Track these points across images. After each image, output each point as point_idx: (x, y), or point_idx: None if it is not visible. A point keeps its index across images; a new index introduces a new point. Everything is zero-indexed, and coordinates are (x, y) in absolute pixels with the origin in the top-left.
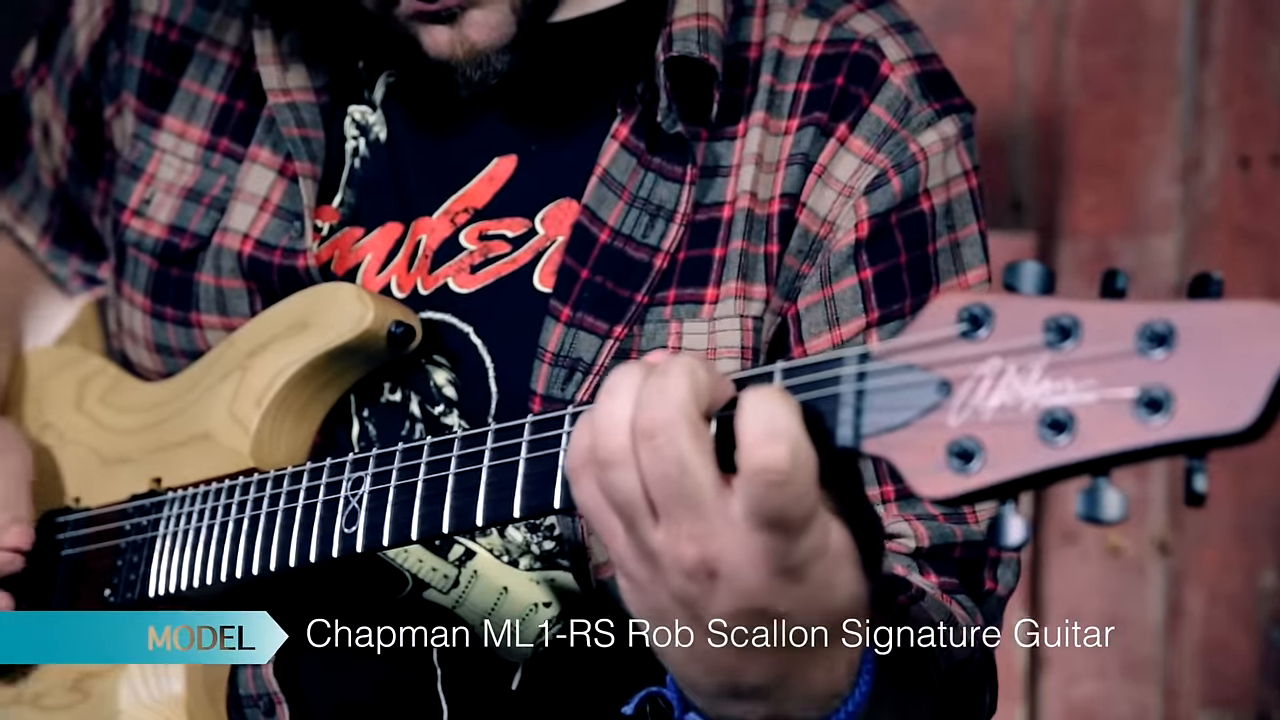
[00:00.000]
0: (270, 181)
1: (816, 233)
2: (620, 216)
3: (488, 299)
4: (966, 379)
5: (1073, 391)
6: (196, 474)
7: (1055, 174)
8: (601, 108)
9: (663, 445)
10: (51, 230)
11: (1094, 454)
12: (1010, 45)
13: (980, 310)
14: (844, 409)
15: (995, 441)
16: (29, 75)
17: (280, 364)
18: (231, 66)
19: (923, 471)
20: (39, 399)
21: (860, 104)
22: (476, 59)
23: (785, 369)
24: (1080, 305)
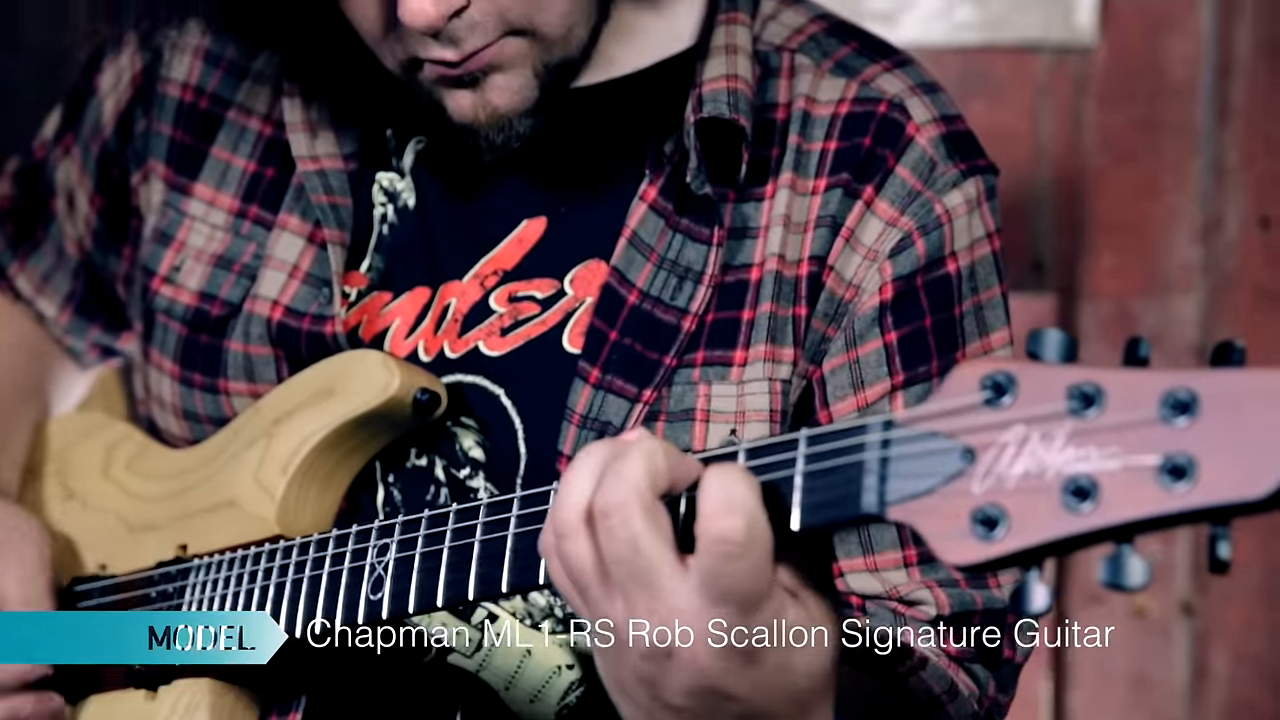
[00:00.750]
0: (300, 249)
1: (842, 296)
2: (649, 278)
3: (518, 361)
4: (990, 446)
5: (1096, 459)
6: (222, 541)
7: (1076, 235)
8: (629, 169)
9: (616, 526)
10: (74, 301)
11: (1118, 521)
12: (1031, 108)
13: (1004, 378)
14: (868, 476)
15: (1019, 508)
16: (53, 145)
17: (306, 431)
18: (261, 134)
19: (947, 538)
20: (64, 466)
21: (886, 165)
22: (499, 123)
23: (810, 436)
24: (1103, 373)
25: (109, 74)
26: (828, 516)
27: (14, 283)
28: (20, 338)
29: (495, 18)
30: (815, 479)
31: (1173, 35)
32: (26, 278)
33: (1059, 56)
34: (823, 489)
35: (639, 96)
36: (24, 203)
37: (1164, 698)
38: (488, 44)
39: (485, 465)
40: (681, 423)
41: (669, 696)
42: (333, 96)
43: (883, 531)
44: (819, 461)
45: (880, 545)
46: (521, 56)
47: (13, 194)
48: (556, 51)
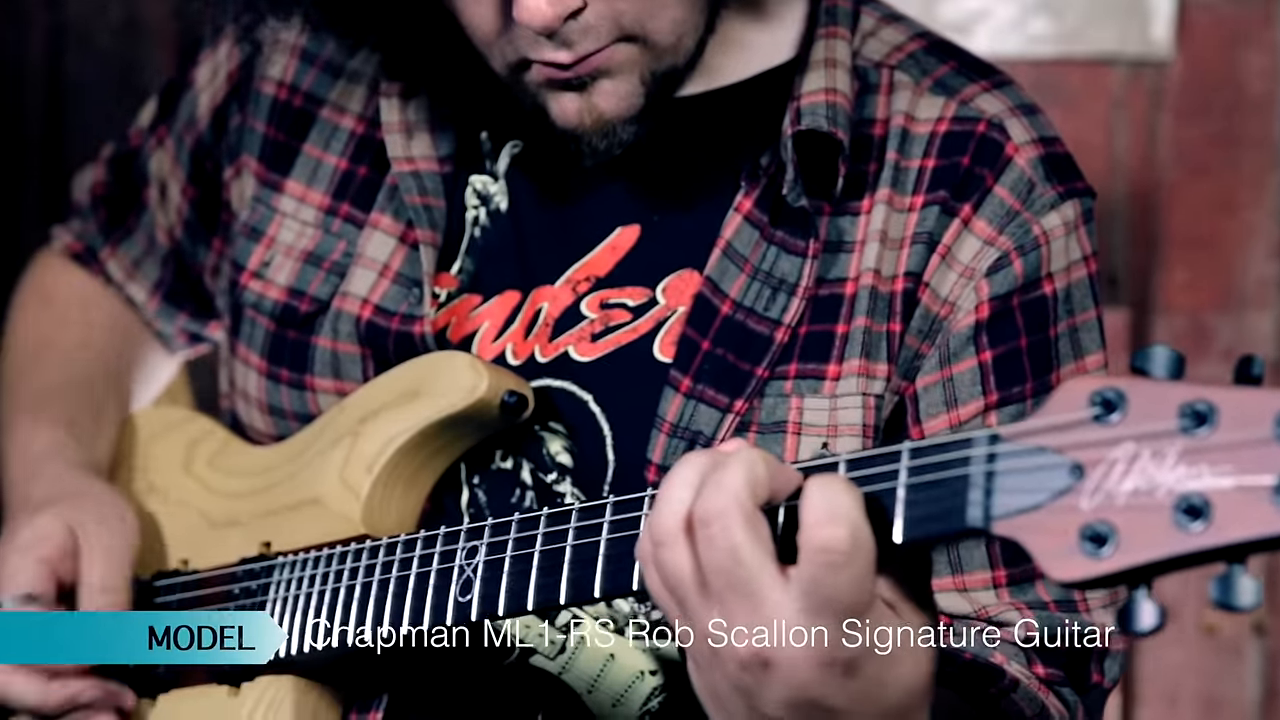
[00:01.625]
0: (391, 248)
1: (937, 313)
2: (742, 289)
3: (608, 367)
4: (1100, 463)
5: (1209, 477)
6: (306, 539)
7: (1150, 249)
8: (725, 180)
9: (716, 535)
10: (163, 288)
11: (1230, 541)
12: (1106, 121)
13: (1114, 394)
14: (973, 490)
15: (1129, 526)
16: (147, 135)
17: (392, 431)
18: (354, 133)
19: (1054, 555)
20: (145, 460)
21: (985, 185)
22: (604, 129)
23: (913, 449)
24: (1216, 391)
25: (205, 68)
26: (932, 530)
27: (105, 267)
28: (112, 319)
29: (610, 22)
30: (919, 491)
31: (1250, 49)
32: (117, 263)
33: (1135, 69)
34: (926, 502)
35: (737, 108)
36: (118, 190)
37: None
38: (600, 48)
39: (572, 471)
40: (773, 435)
41: (766, 707)
42: (431, 98)
43: (972, 551)
44: (922, 474)
45: (970, 565)
46: (631, 63)
47: (107, 180)
48: (665, 60)
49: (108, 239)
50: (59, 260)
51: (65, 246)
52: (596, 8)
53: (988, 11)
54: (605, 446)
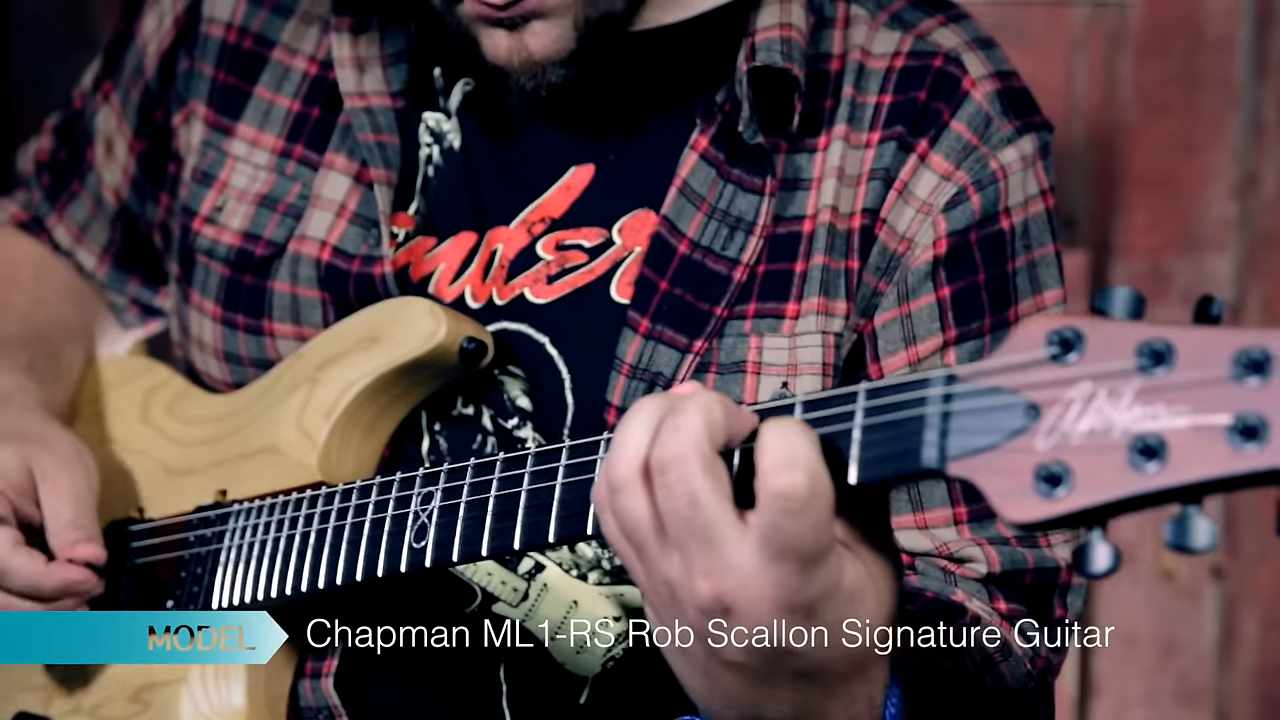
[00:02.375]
0: (347, 188)
1: (895, 249)
2: (699, 228)
3: (564, 309)
4: (1056, 403)
5: (1165, 417)
6: (262, 487)
7: (1109, 191)
8: (679, 118)
9: (674, 482)
10: (112, 250)
11: (1186, 481)
12: (1065, 61)
13: (1071, 334)
14: (929, 430)
15: (1084, 466)
16: (91, 93)
17: (350, 377)
18: (307, 74)
19: (1008, 495)
20: (103, 409)
21: (941, 120)
22: (532, 69)
23: (869, 389)
24: (1174, 330)
25: (151, 17)
26: (887, 471)
27: (53, 234)
28: (65, 284)
29: None
30: (874, 432)
31: None
32: (65, 228)
33: (1095, 9)
34: (882, 443)
35: (690, 44)
36: (62, 154)
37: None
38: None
39: (532, 415)
40: (732, 375)
41: (727, 654)
42: (382, 33)
43: (933, 489)
44: (878, 415)
45: (930, 502)
46: (564, 6)
47: (51, 146)
48: (601, 5)
49: (54, 204)
50: (6, 230)
51: (10, 217)
52: None
53: None
54: (564, 389)
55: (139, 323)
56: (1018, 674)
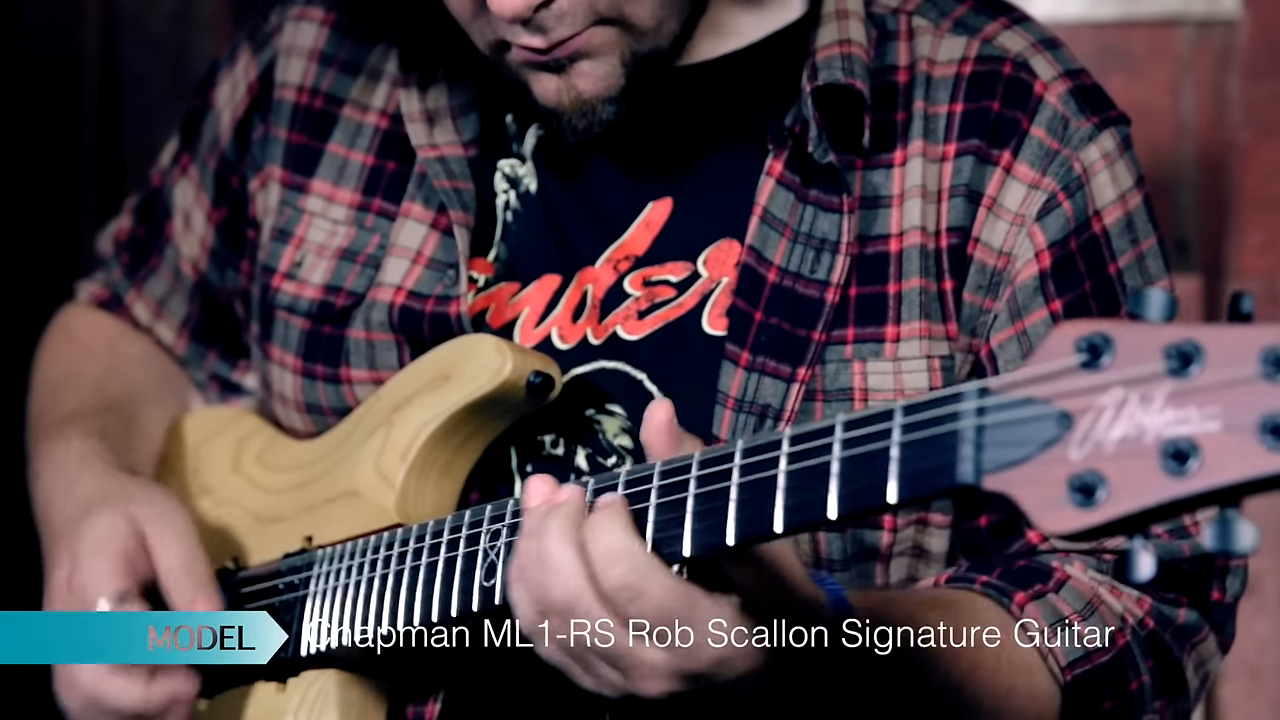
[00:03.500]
0: (423, 235)
1: (995, 265)
2: (785, 254)
3: (659, 344)
4: (1088, 410)
5: (1196, 420)
6: (345, 531)
7: (1221, 213)
8: (751, 145)
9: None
10: (190, 324)
11: (1220, 484)
12: (1172, 82)
13: (1100, 339)
14: (964, 445)
15: (1118, 474)
16: (169, 169)
17: (424, 418)
18: (379, 129)
19: (1045, 507)
20: (197, 463)
21: (1020, 127)
22: (583, 109)
23: (906, 406)
24: (1202, 330)
25: (224, 87)
26: (924, 488)
27: (132, 310)
28: (141, 353)
29: (584, 7)
30: (912, 449)
31: None
32: (144, 304)
33: (1201, 30)
34: (919, 459)
35: (753, 70)
36: (141, 231)
37: None
38: (576, 33)
39: (634, 452)
40: (840, 402)
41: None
42: (450, 85)
43: None
44: (915, 431)
45: None
46: (610, 45)
47: (130, 225)
48: (646, 41)
49: (132, 280)
50: (85, 308)
51: (90, 295)
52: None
53: None
54: None
55: (220, 400)
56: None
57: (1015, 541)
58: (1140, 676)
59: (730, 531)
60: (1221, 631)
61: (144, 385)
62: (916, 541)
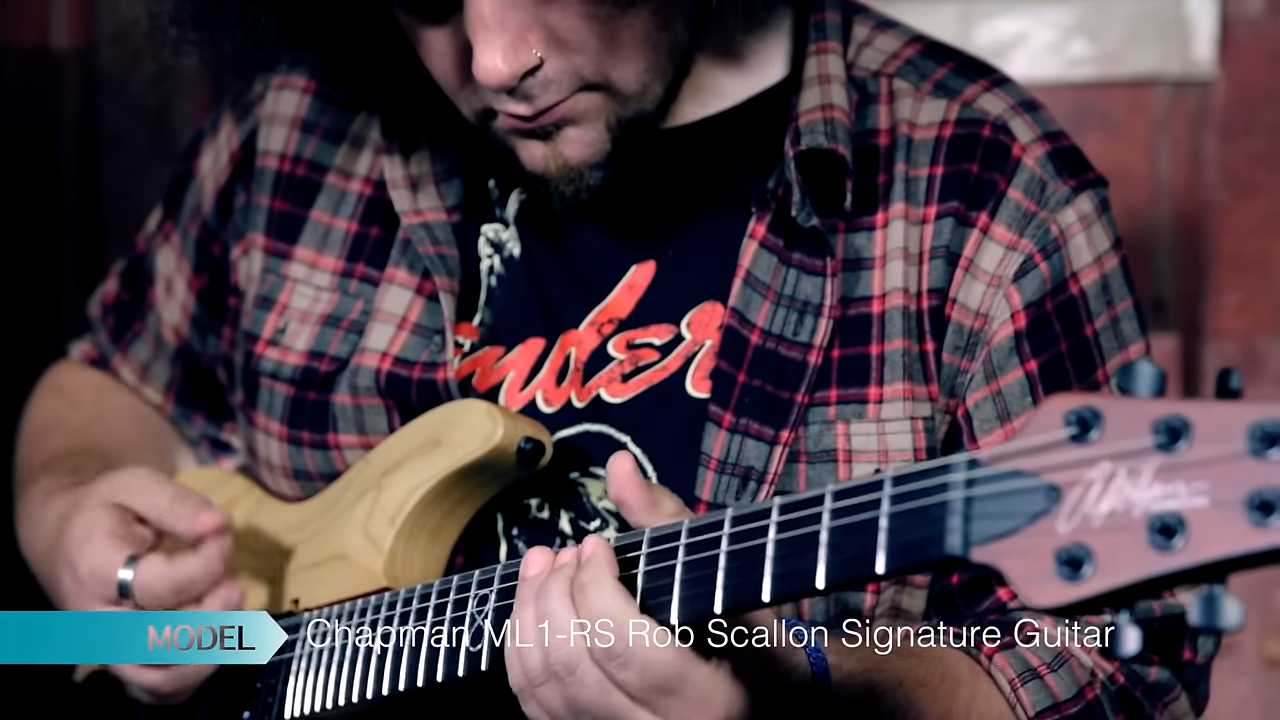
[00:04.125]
0: (408, 300)
1: (971, 326)
2: (769, 316)
3: (642, 407)
4: (1076, 484)
5: (1184, 496)
6: (332, 594)
7: (1198, 273)
8: (734, 208)
9: (578, 680)
10: (174, 388)
11: (1206, 559)
12: (1149, 143)
13: (1089, 413)
14: (952, 517)
15: (1106, 548)
16: (153, 235)
17: (414, 482)
18: (362, 195)
19: (1031, 580)
20: None
21: (997, 189)
22: (570, 175)
23: (895, 477)
24: (1190, 406)
25: (208, 156)
26: (914, 559)
27: (119, 374)
28: (129, 407)
29: (570, 75)
30: (900, 519)
31: None
32: (129, 368)
33: (1177, 90)
34: (907, 529)
35: (735, 134)
36: (126, 295)
37: None
38: (561, 100)
39: (619, 516)
40: (824, 464)
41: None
42: (432, 151)
43: None
44: (904, 502)
45: None
46: (595, 110)
47: (116, 289)
48: (632, 106)
49: (117, 345)
50: (76, 366)
51: (82, 354)
52: (555, 63)
53: (1025, 35)
54: None
55: (212, 459)
56: (1067, 685)
57: (986, 599)
58: None
59: (718, 599)
60: (1194, 691)
61: (131, 436)
62: (896, 602)
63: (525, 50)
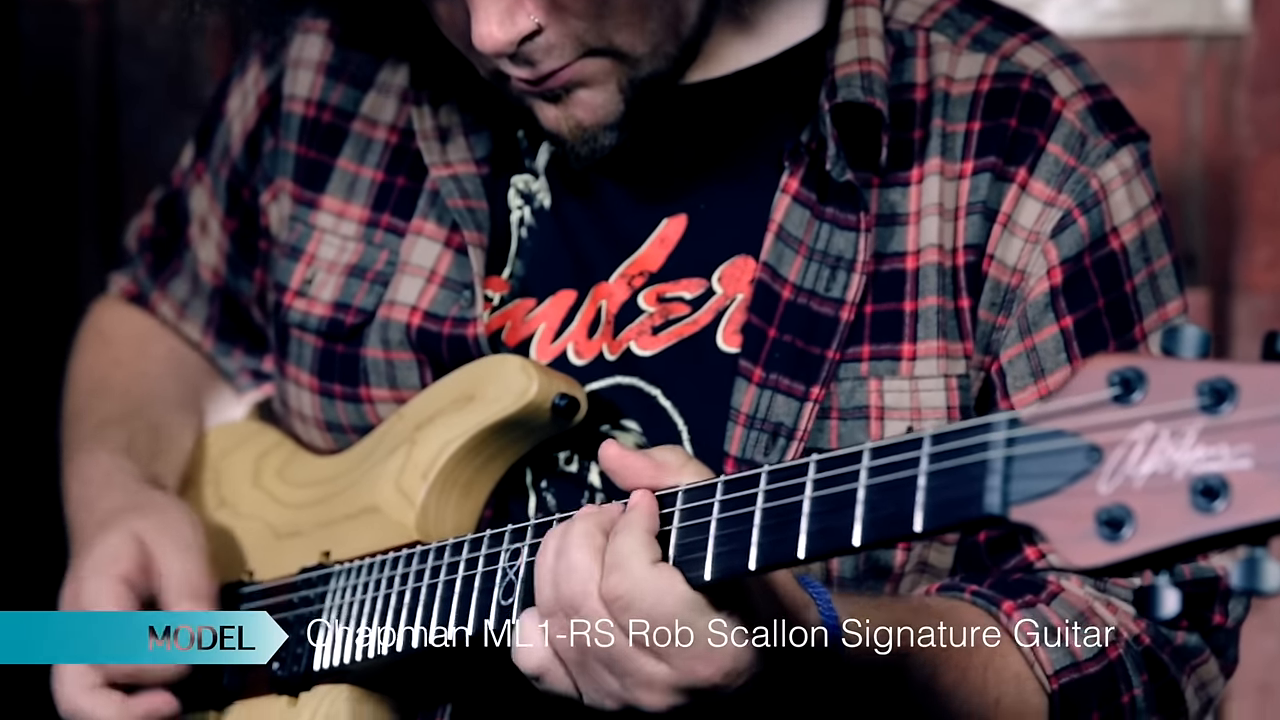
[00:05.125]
0: (436, 254)
1: (1008, 283)
2: (800, 272)
3: (673, 361)
4: (1118, 445)
5: (1228, 458)
6: (363, 547)
7: (1229, 228)
8: (767, 161)
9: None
10: (213, 325)
11: (1249, 522)
12: (1179, 97)
13: (1133, 374)
14: (992, 476)
15: (1147, 509)
16: (187, 173)
17: (447, 437)
18: (389, 144)
19: (1071, 540)
20: (217, 475)
21: (1036, 144)
22: (583, 136)
23: (935, 435)
24: (1236, 368)
25: (235, 97)
26: (950, 518)
27: (157, 309)
28: (170, 353)
29: (571, 40)
30: (939, 478)
31: None
32: (168, 305)
33: (1209, 44)
34: (946, 488)
35: (769, 87)
36: (163, 232)
37: None
38: (565, 64)
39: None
40: (856, 420)
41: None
42: (461, 102)
43: None
44: (943, 461)
45: None
46: (604, 74)
47: (153, 223)
48: (643, 67)
49: (155, 281)
50: (116, 303)
51: (121, 290)
52: (555, 29)
53: None
54: (682, 441)
55: (253, 386)
56: (1088, 645)
57: (1013, 557)
58: (1132, 690)
59: (753, 557)
60: (1224, 656)
61: (171, 390)
62: (924, 558)
63: (522, 16)
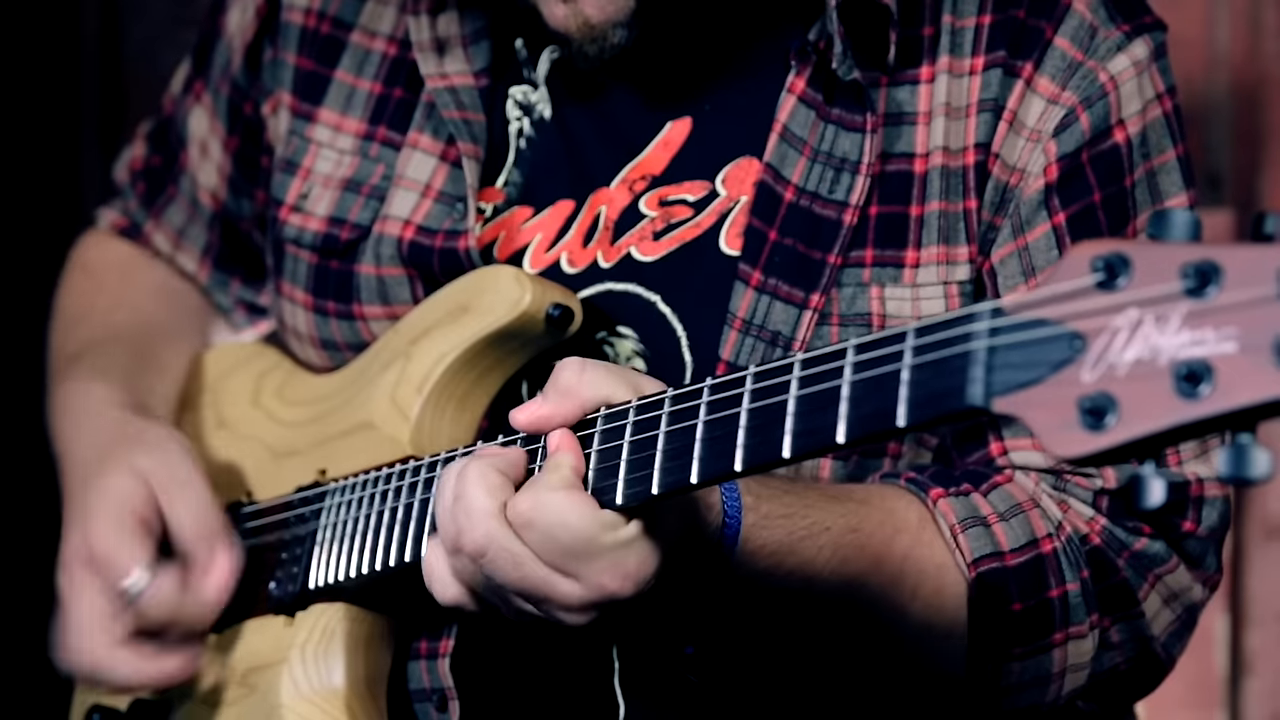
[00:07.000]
0: (432, 167)
1: (1007, 182)
2: (804, 173)
3: (674, 266)
4: (1102, 332)
5: (1212, 342)
6: (359, 464)
7: (1254, 146)
8: (773, 61)
9: (493, 559)
10: (212, 253)
11: (1233, 407)
12: (1205, 12)
13: (1117, 259)
14: (975, 367)
15: (1130, 396)
16: (181, 96)
17: (440, 350)
18: (386, 55)
19: (1054, 430)
20: (217, 396)
21: (1043, 38)
22: (592, 35)
23: (919, 328)
24: (1221, 250)
25: (234, 12)
26: (933, 412)
27: (151, 240)
28: (156, 284)
29: None
30: (922, 371)
31: None
32: (163, 234)
33: None
34: (928, 382)
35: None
36: (156, 160)
37: None
38: None
39: (648, 375)
40: (857, 328)
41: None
42: (461, 12)
43: None
44: (927, 354)
45: None
46: None
47: (145, 153)
48: None
49: (149, 210)
50: (104, 236)
51: (110, 224)
52: None
53: None
54: (680, 347)
55: (248, 323)
56: (1015, 535)
57: (977, 451)
58: (1064, 584)
59: (739, 459)
60: (1200, 565)
61: (160, 318)
62: (912, 463)
63: None
